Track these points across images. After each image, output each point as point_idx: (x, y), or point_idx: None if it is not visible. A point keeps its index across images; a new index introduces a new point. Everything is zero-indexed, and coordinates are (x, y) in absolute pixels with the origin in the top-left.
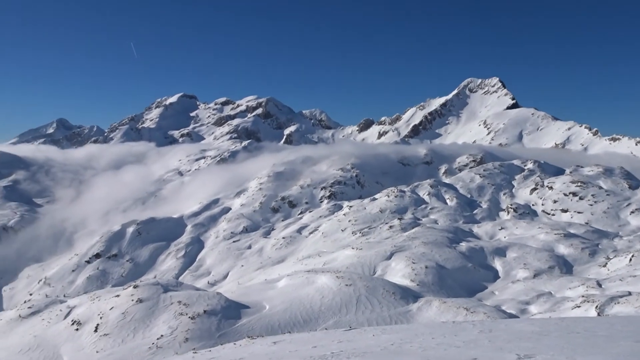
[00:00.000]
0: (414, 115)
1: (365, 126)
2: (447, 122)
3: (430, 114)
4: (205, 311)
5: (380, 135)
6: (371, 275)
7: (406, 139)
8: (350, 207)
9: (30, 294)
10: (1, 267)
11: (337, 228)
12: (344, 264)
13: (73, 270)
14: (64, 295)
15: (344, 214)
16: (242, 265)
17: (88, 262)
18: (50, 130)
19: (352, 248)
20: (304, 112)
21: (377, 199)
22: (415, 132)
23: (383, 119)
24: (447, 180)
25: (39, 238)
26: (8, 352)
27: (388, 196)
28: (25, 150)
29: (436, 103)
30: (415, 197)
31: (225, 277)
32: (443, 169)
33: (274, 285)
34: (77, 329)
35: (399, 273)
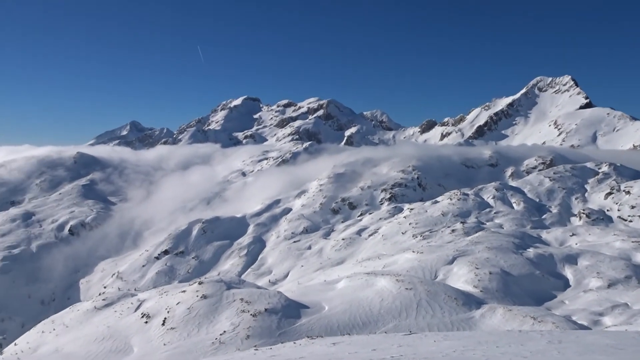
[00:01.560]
0: (478, 116)
1: (428, 127)
2: (514, 122)
3: (496, 114)
4: (266, 309)
5: (442, 136)
6: (432, 279)
7: (470, 140)
8: (411, 209)
9: (105, 287)
10: (79, 261)
11: (397, 231)
12: (404, 268)
13: (143, 266)
14: (135, 289)
15: (405, 217)
16: (302, 266)
17: (157, 258)
18: (124, 132)
19: (413, 251)
20: (364, 113)
21: (439, 201)
22: (480, 133)
23: (446, 119)
24: (513, 184)
25: (112, 234)
26: (84, 341)
27: (450, 199)
28: (102, 151)
29: (502, 103)
30: (479, 201)
31: (286, 276)
32: (509, 171)
33: (334, 286)
34: (146, 322)
35: (462, 278)
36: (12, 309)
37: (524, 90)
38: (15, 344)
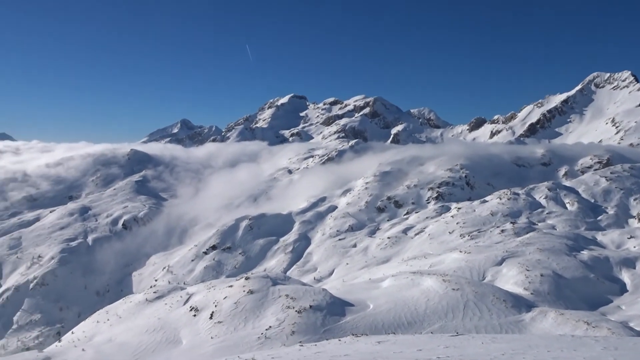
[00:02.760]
0: (530, 113)
1: (477, 125)
2: (568, 120)
3: (549, 111)
4: (311, 306)
5: (492, 134)
6: (480, 280)
7: (521, 139)
8: (459, 208)
9: (156, 280)
10: (131, 255)
11: (444, 230)
12: (451, 268)
13: (192, 260)
14: (184, 283)
15: (452, 216)
16: (347, 264)
17: (205, 253)
18: (175, 130)
19: (460, 251)
20: (411, 111)
21: (487, 201)
22: (532, 131)
23: (496, 117)
24: (567, 183)
25: (163, 229)
26: (136, 331)
27: (500, 198)
28: (154, 148)
29: (556, 100)
30: (531, 201)
31: (331, 274)
32: (563, 170)
33: (378, 284)
34: (194, 315)
35: (511, 280)
36: (69, 299)
37: (579, 87)
38: (72, 333)
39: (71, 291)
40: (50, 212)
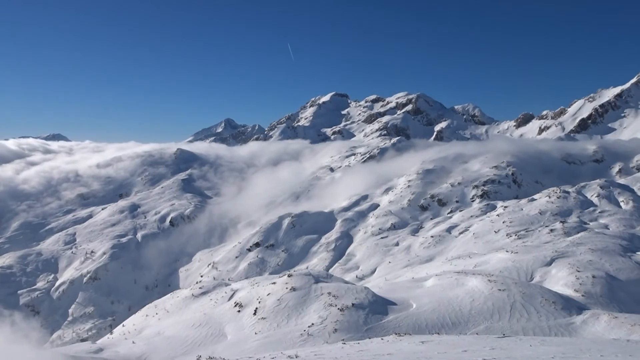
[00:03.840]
0: (581, 108)
1: (524, 121)
2: (622, 114)
3: (601, 106)
4: (353, 304)
5: (541, 130)
6: (527, 281)
7: (572, 135)
8: (505, 207)
9: (201, 276)
10: (179, 251)
11: (489, 229)
12: (497, 268)
13: (236, 257)
14: (229, 279)
15: (498, 215)
16: (389, 262)
17: (249, 250)
18: (219, 129)
19: (507, 251)
20: (455, 107)
21: (536, 199)
22: (583, 126)
23: (545, 112)
24: (621, 181)
25: (208, 227)
26: (183, 325)
27: (549, 197)
28: (200, 147)
29: (609, 94)
30: (582, 199)
31: (373, 272)
32: (617, 167)
33: (422, 284)
34: (239, 311)
35: (561, 281)
36: (120, 292)
37: (634, 80)
38: (123, 325)
39: (122, 285)
40: (102, 209)
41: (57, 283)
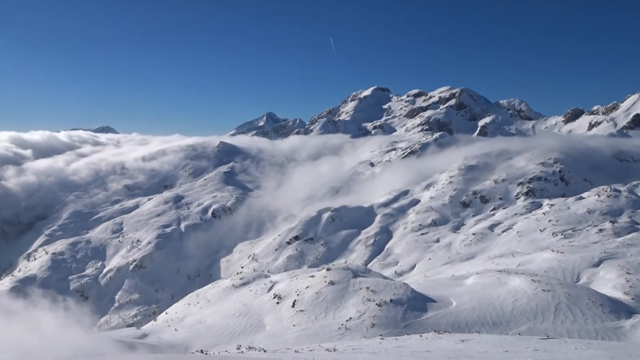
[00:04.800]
0: (635, 103)
1: (573, 116)
2: None
3: None
4: (391, 300)
5: (591, 126)
6: (574, 282)
7: (625, 131)
8: (551, 205)
9: (242, 267)
10: (219, 242)
11: (534, 228)
12: (542, 267)
13: (276, 250)
14: (268, 271)
15: (544, 213)
16: (429, 259)
17: (288, 243)
18: (261, 123)
19: (552, 250)
20: (501, 102)
21: (584, 198)
22: (637, 122)
23: (595, 108)
24: None
25: (248, 219)
26: (223, 315)
27: (598, 195)
28: (242, 141)
29: None
30: (634, 198)
31: (412, 268)
32: None
33: (462, 282)
34: (277, 302)
35: (609, 283)
36: (164, 281)
37: None
38: (166, 313)
39: (165, 274)
40: (148, 200)
41: (105, 270)
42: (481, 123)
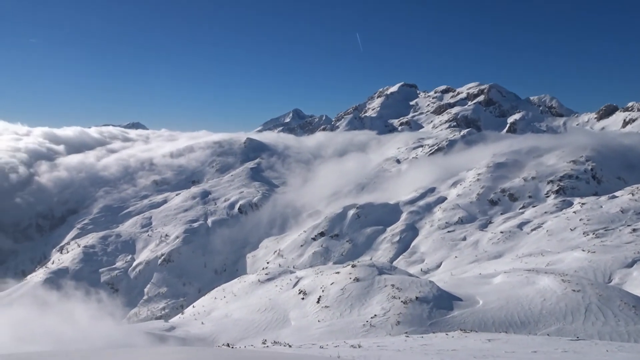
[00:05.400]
0: None
1: (607, 113)
2: None
3: None
4: (417, 297)
5: (625, 123)
6: (605, 282)
7: None
8: (583, 204)
9: (267, 263)
10: (246, 237)
11: (565, 226)
12: (572, 267)
13: (301, 245)
14: (293, 267)
15: (575, 212)
16: (455, 257)
17: (314, 239)
18: (287, 120)
19: (583, 250)
20: (531, 98)
21: (617, 196)
22: None
23: (630, 104)
24: None
25: (274, 215)
26: (249, 309)
27: (632, 194)
28: (268, 137)
29: None
30: None
31: (439, 266)
32: None
33: (489, 280)
34: (302, 298)
35: None
36: (191, 275)
37: None
38: (193, 306)
39: (193, 268)
40: (176, 195)
41: (134, 263)
42: (510, 120)
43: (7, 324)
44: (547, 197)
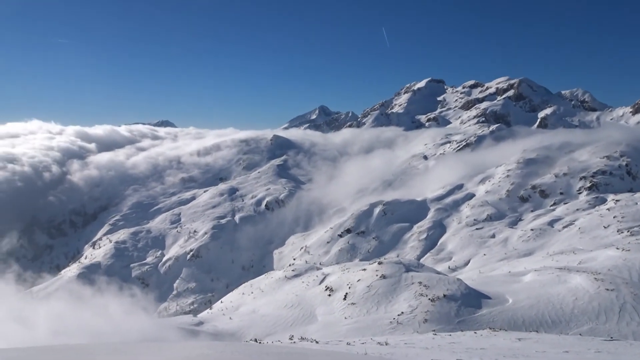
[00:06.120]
0: None
1: None
2: None
3: None
4: (445, 295)
5: None
6: None
7: None
8: (617, 201)
9: (294, 259)
10: (274, 233)
11: (598, 224)
12: (605, 266)
13: (328, 242)
14: (320, 263)
15: (608, 209)
16: (484, 254)
17: (340, 236)
18: (313, 117)
19: (617, 248)
20: (563, 92)
21: None
22: None
23: None
24: None
25: (300, 211)
26: (276, 305)
27: None
28: (295, 134)
29: None
30: None
31: (467, 264)
32: None
33: (519, 278)
34: (329, 295)
35: None
36: (219, 271)
37: None
38: (221, 302)
39: (220, 264)
40: (204, 191)
41: (164, 259)
42: (541, 115)
43: (43, 318)
44: (580, 193)
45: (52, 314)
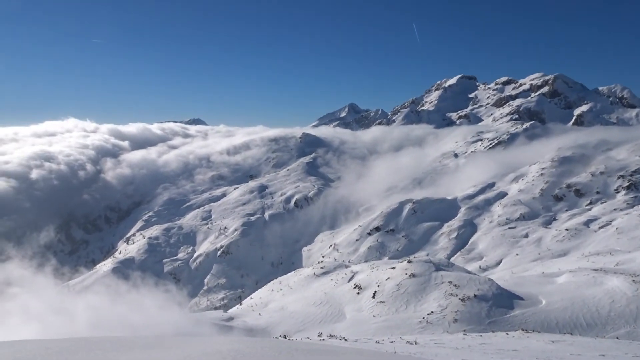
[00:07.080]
0: None
1: None
2: None
3: None
4: (475, 295)
5: None
6: None
7: None
8: None
9: (323, 257)
10: (302, 231)
11: (636, 224)
12: None
13: (357, 240)
14: (349, 261)
15: None
16: (516, 254)
17: (369, 234)
18: (343, 114)
19: None
20: (600, 89)
21: None
22: None
23: None
24: None
25: (329, 209)
26: (305, 302)
27: None
28: (324, 132)
29: None
30: None
31: (498, 264)
32: None
33: (553, 279)
34: (358, 293)
35: None
36: (249, 267)
37: None
38: (251, 298)
39: (250, 261)
40: (235, 189)
41: (195, 255)
42: (577, 112)
43: (82, 311)
44: (617, 193)
45: (89, 307)
